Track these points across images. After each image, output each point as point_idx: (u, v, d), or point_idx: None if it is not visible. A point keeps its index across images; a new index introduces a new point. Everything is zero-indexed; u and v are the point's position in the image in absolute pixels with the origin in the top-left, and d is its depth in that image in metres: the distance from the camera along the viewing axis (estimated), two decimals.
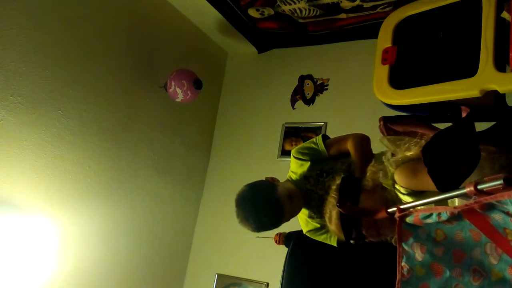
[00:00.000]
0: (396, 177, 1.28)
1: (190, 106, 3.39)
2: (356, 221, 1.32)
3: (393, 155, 1.36)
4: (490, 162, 1.21)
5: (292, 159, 1.89)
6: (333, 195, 1.43)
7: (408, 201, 1.28)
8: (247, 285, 3.22)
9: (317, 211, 1.82)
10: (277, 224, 1.78)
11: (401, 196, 1.31)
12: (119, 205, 2.97)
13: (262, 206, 1.73)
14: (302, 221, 1.92)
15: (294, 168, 1.89)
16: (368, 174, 1.42)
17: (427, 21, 1.77)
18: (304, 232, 1.90)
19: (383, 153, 1.49)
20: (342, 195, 1.38)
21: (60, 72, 2.56)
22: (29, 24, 2.40)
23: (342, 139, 1.83)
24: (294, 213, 1.83)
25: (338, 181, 1.46)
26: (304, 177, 1.86)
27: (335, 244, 1.79)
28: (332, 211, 1.40)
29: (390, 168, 1.32)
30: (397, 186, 1.30)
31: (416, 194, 1.25)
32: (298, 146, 1.89)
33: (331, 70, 3.38)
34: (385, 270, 1.31)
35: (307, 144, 1.87)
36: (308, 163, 1.84)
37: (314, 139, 1.87)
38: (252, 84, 3.75)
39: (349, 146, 1.77)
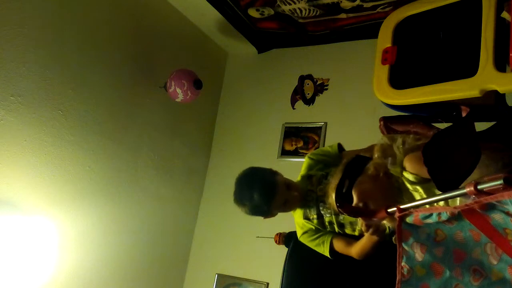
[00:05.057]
0: (406, 164, 1.29)
1: (190, 106, 3.39)
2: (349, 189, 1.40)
3: (403, 143, 1.37)
4: (493, 161, 1.21)
5: (305, 160, 1.97)
6: (340, 167, 1.49)
7: (416, 188, 1.29)
8: (247, 285, 3.22)
9: (313, 212, 1.84)
10: (268, 206, 1.81)
11: (408, 184, 1.31)
12: (119, 205, 2.97)
13: (257, 183, 1.81)
14: (297, 225, 1.94)
15: (302, 169, 1.96)
16: (370, 163, 1.44)
17: (427, 21, 1.77)
18: (298, 237, 1.91)
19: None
20: (346, 170, 1.44)
21: (60, 72, 2.56)
22: (29, 24, 2.39)
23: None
24: (287, 203, 1.85)
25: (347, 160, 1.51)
26: (308, 176, 1.89)
27: (327, 253, 1.80)
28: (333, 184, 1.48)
29: (399, 154, 1.33)
30: (405, 174, 1.31)
31: (425, 181, 1.26)
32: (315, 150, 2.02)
33: (331, 70, 3.38)
34: (385, 270, 1.32)
35: (322, 147, 1.96)
36: (318, 165, 1.91)
37: (330, 145, 1.99)
38: (252, 84, 3.75)
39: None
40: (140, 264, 3.16)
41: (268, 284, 3.11)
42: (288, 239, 2.41)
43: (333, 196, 1.44)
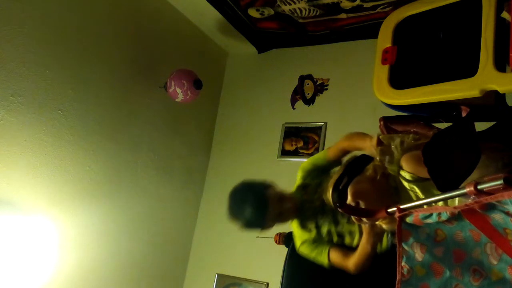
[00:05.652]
0: (404, 163, 1.30)
1: (190, 106, 3.39)
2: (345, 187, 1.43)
3: (402, 143, 1.37)
4: (493, 161, 1.21)
5: (298, 172, 1.96)
6: (343, 164, 1.53)
7: (412, 187, 1.29)
8: (247, 285, 3.22)
9: (311, 222, 1.83)
10: (261, 221, 1.80)
11: (405, 183, 1.32)
12: (119, 205, 2.97)
13: (248, 199, 1.80)
14: (295, 237, 1.94)
15: (297, 180, 1.95)
16: (370, 164, 1.45)
17: (427, 21, 1.77)
18: (297, 249, 1.90)
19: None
20: (347, 168, 1.47)
21: (60, 72, 2.56)
22: (29, 24, 2.40)
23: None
24: (282, 215, 1.85)
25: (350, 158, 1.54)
26: (303, 186, 1.89)
27: (326, 262, 1.79)
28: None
29: (397, 154, 1.33)
30: (402, 173, 1.32)
31: (422, 180, 1.26)
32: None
33: (331, 70, 3.38)
34: (385, 270, 1.31)
35: (311, 156, 1.99)
36: (311, 174, 1.91)
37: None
38: (252, 84, 3.75)
39: (342, 139, 1.81)
40: (140, 264, 3.16)
41: (268, 284, 3.11)
42: (288, 239, 2.41)
43: (330, 191, 1.45)
